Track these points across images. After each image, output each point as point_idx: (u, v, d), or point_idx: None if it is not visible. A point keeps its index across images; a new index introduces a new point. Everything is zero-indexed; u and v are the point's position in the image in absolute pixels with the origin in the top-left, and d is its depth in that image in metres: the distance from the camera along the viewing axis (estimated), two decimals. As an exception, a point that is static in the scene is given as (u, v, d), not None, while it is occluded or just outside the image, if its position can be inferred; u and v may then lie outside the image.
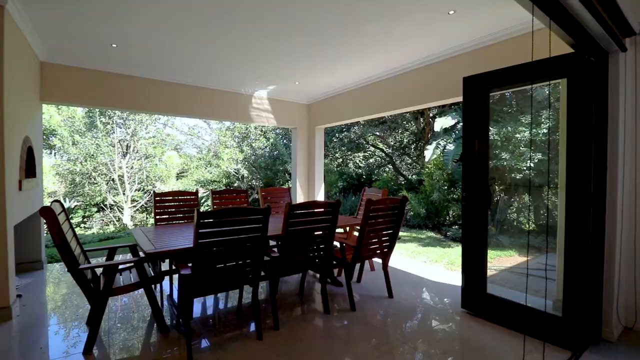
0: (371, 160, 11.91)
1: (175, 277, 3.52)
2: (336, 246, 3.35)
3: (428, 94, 4.21)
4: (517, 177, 6.26)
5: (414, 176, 10.46)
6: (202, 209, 2.62)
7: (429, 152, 7.67)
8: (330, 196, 10.40)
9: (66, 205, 10.77)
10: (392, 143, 11.26)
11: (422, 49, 3.88)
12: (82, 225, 11.44)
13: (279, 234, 2.71)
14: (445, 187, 7.73)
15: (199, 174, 12.91)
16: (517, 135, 6.18)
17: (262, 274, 2.68)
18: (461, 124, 7.71)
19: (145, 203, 12.09)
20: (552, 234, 3.39)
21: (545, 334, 2.47)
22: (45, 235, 4.76)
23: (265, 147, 12.13)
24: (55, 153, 11.57)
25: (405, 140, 11.01)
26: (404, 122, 10.48)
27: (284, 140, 12.04)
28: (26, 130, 3.48)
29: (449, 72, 3.92)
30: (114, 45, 3.78)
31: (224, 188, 12.21)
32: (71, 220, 2.67)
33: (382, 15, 3.04)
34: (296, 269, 2.96)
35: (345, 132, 11.29)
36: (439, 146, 7.68)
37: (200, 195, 4.03)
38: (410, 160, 11.02)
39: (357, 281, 3.80)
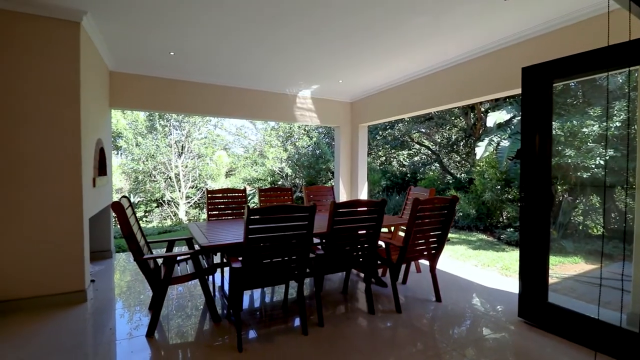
0: (416, 159, 11.53)
1: (226, 269, 3.71)
2: (381, 246, 3.29)
3: (480, 87, 3.96)
4: (584, 175, 5.64)
5: (463, 175, 9.92)
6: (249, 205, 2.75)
7: (481, 149, 7.20)
8: (372, 195, 10.25)
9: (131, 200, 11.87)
10: (439, 140, 10.79)
11: (474, 40, 3.66)
12: (144, 219, 12.55)
13: (324, 232, 2.73)
14: (499, 187, 7.22)
15: (245, 173, 13.48)
16: (584, 129, 5.57)
17: (307, 270, 2.72)
18: (518, 118, 7.16)
19: (198, 199, 12.93)
20: (627, 239, 3.01)
21: (619, 351, 2.20)
22: (114, 227, 5.30)
23: (308, 145, 12.30)
24: (121, 153, 12.81)
25: (453, 137, 10.48)
26: (452, 118, 9.97)
27: (327, 139, 12.11)
28: (98, 133, 3.90)
29: (504, 63, 3.65)
30: (171, 54, 4.08)
31: (269, 186, 12.62)
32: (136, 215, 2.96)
33: (431, 8, 2.92)
34: (340, 267, 2.96)
35: (389, 130, 11.04)
36: (492, 143, 7.19)
37: (247, 192, 4.24)
38: (458, 158, 10.47)
39: (402, 282, 3.71)
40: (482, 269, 4.57)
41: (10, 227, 2.90)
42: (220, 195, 4.15)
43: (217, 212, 4.04)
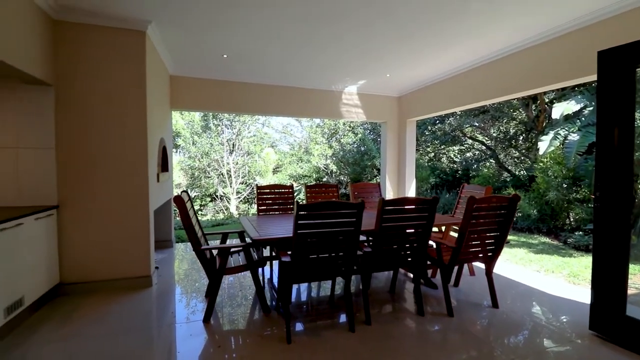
0: (468, 154, 10.87)
1: (275, 262, 3.84)
2: (431, 246, 3.17)
3: (547, 75, 3.59)
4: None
5: (522, 172, 9.15)
6: (298, 201, 2.82)
7: (545, 144, 6.56)
8: (420, 193, 9.88)
9: (187, 195, 12.82)
10: (495, 134, 10.04)
11: (538, 25, 3.33)
12: (199, 212, 13.46)
13: (372, 230, 2.69)
14: (565, 185, 6.53)
15: (291, 169, 13.80)
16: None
17: (354, 267, 2.71)
18: (589, 109, 6.39)
19: (247, 195, 13.54)
20: None
21: None
22: (175, 219, 5.75)
23: (354, 142, 12.21)
24: (179, 151, 13.84)
25: (511, 130, 9.69)
26: (511, 110, 9.21)
27: (373, 135, 11.91)
28: (161, 133, 4.24)
29: (576, 47, 3.27)
30: (225, 56, 4.29)
31: (314, 183, 12.78)
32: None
33: (489, -9, 2.71)
34: (388, 266, 2.90)
35: (439, 124, 10.54)
36: (558, 136, 6.51)
37: (294, 188, 4.36)
38: (517, 154, 9.67)
39: (454, 285, 3.53)
40: (546, 275, 4.18)
41: (91, 218, 3.28)
42: (268, 191, 4.29)
43: (265, 207, 4.19)
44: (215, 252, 3.13)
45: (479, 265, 4.14)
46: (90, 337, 2.48)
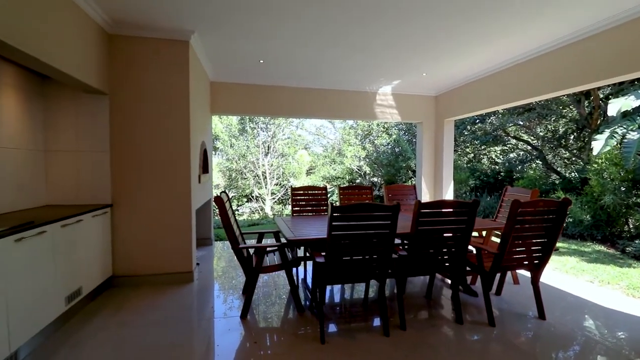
0: (512, 155, 10.25)
1: (309, 262, 3.89)
2: (471, 251, 3.03)
3: (604, 68, 3.29)
4: None
5: (573, 174, 8.47)
6: (332, 203, 2.84)
7: (599, 143, 6.01)
8: (459, 195, 9.48)
9: (225, 195, 13.39)
10: (542, 133, 9.38)
11: (595, 14, 3.07)
12: (236, 212, 13.95)
13: (407, 233, 2.63)
14: (624, 188, 5.94)
15: (324, 171, 13.87)
16: None
17: (389, 271, 2.67)
18: (655, 104, 5.75)
19: (282, 196, 13.82)
20: None
21: None
22: (214, 218, 6.02)
23: (388, 143, 12.01)
24: (218, 154, 14.46)
25: (560, 129, 9.00)
26: (560, 108, 8.56)
27: (408, 136, 11.64)
28: (202, 137, 4.47)
29: (632, 39, 2.98)
30: (261, 61, 4.43)
31: (347, 184, 12.74)
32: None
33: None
34: (424, 271, 2.82)
35: (479, 124, 10.05)
36: (615, 135, 5.94)
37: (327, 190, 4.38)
38: (567, 154, 8.96)
39: (495, 293, 3.35)
40: (600, 286, 3.83)
41: (139, 216, 3.53)
42: (302, 192, 4.35)
43: (298, 209, 4.25)
44: (251, 250, 3.23)
45: (524, 273, 3.89)
46: (139, 326, 2.67)
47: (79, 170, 3.36)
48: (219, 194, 2.84)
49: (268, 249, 3.15)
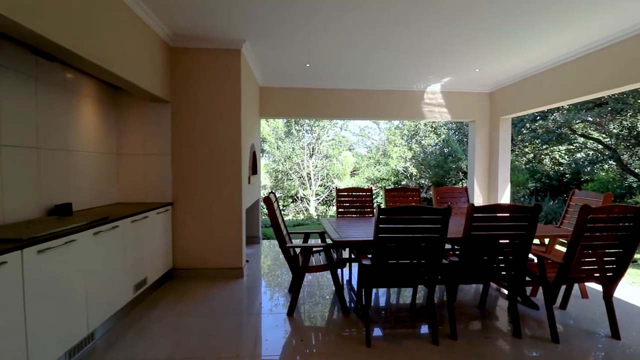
0: (579, 155, 9.26)
1: (354, 264, 3.87)
2: (532, 260, 2.80)
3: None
4: None
5: (657, 176, 7.41)
6: (375, 205, 2.80)
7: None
8: (516, 199, 8.78)
9: (271, 196, 13.89)
10: (616, 130, 8.34)
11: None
12: (282, 212, 14.38)
13: (458, 237, 2.51)
14: None
15: (369, 172, 13.71)
16: None
17: (439, 277, 2.56)
18: None
19: (326, 197, 13.94)
20: None
21: None
22: (262, 217, 6.26)
23: (436, 144, 11.53)
24: (265, 155, 15.01)
25: (639, 125, 7.93)
26: (639, 102, 7.54)
27: (458, 136, 11.07)
28: (252, 140, 4.68)
29: None
30: (307, 65, 4.52)
31: (392, 186, 12.47)
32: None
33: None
34: (478, 279, 2.66)
35: (540, 121, 9.23)
36: None
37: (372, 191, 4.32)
38: (649, 154, 7.87)
39: (560, 307, 3.05)
40: (694, 307, 3.30)
41: (195, 214, 3.80)
42: (347, 193, 4.34)
43: (343, 210, 4.26)
44: (297, 250, 3.31)
45: (594, 286, 3.49)
46: (196, 315, 2.87)
47: (145, 172, 3.71)
48: (267, 195, 2.96)
49: (314, 249, 3.20)
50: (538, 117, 9.20)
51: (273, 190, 14.26)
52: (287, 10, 2.99)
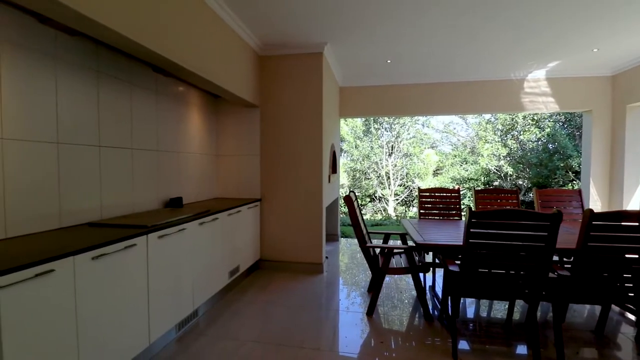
0: None
1: (437, 270, 3.64)
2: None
3: None
4: None
5: None
6: (464, 207, 2.57)
7: None
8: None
9: (349, 194, 13.99)
10: None
11: None
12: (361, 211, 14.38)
13: (570, 248, 2.15)
14: None
15: (454, 171, 12.73)
16: None
17: (544, 292, 2.23)
18: None
19: (406, 197, 13.43)
20: None
21: None
22: (341, 216, 6.36)
23: (538, 139, 10.06)
24: (343, 155, 15.20)
25: None
26: None
27: (567, 129, 9.47)
28: (332, 139, 4.78)
29: None
30: (388, 61, 4.41)
31: (483, 187, 11.33)
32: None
33: None
34: (595, 299, 2.23)
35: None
36: None
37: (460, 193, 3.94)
38: None
39: None
40: None
41: (279, 210, 4.07)
42: (429, 194, 4.09)
43: (424, 211, 4.03)
44: (377, 250, 3.26)
45: None
46: (279, 305, 3.08)
47: (239, 171, 4.11)
48: (348, 194, 2.99)
49: (395, 250, 3.11)
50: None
51: (352, 190, 14.37)
52: (367, 10, 2.96)
